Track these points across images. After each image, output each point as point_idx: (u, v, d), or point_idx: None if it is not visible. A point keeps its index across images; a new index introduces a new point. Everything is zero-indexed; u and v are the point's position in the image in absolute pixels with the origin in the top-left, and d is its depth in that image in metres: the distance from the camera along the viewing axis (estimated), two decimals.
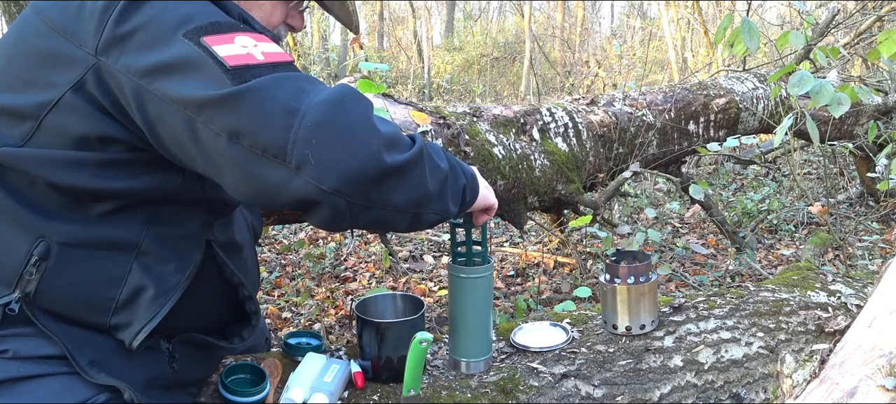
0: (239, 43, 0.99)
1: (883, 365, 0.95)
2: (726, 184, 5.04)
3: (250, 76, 0.96)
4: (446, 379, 1.42)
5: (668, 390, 1.41)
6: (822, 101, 2.03)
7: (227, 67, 0.95)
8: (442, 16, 16.76)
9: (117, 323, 1.09)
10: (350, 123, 0.97)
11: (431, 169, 1.08)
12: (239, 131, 0.94)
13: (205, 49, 0.97)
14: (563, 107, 2.74)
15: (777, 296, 1.66)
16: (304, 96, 0.96)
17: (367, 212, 1.00)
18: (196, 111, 0.95)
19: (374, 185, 0.98)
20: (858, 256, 3.16)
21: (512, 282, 3.19)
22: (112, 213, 1.06)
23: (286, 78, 0.98)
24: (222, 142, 0.95)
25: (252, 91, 0.94)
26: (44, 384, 1.05)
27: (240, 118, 0.94)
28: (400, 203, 1.03)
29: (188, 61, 0.96)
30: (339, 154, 0.95)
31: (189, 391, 1.26)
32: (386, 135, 1.00)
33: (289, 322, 2.82)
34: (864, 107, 3.49)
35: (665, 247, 3.54)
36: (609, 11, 17.79)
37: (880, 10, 4.17)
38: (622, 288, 1.51)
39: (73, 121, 1.01)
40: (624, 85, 3.16)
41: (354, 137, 0.96)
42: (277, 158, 0.94)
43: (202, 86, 0.95)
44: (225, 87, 0.94)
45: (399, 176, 1.01)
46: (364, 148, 0.97)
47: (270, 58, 1.00)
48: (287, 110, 0.94)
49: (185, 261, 1.12)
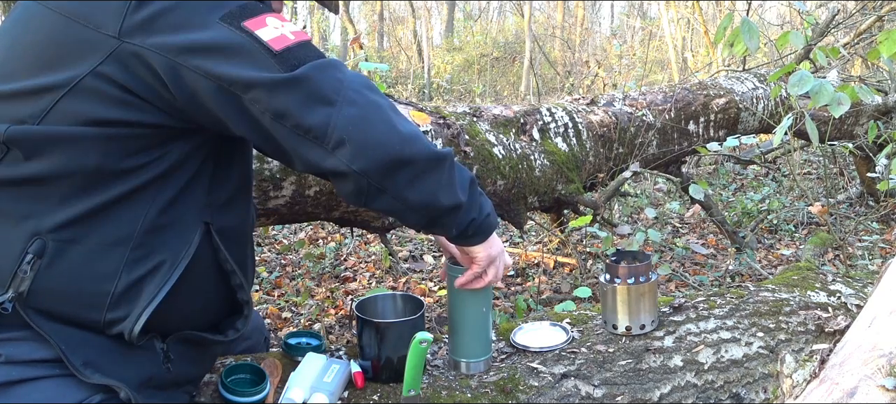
0: (271, 25, 1.07)
1: (883, 365, 0.95)
2: (726, 184, 5.04)
3: (295, 60, 1.05)
4: (446, 379, 1.42)
5: (668, 390, 1.41)
6: (822, 101, 2.03)
7: (273, 52, 1.04)
8: (442, 16, 16.76)
9: (113, 318, 1.08)
10: (377, 115, 1.09)
11: (449, 183, 1.18)
12: (285, 113, 1.05)
13: (248, 34, 1.05)
14: (563, 107, 2.74)
15: (777, 296, 1.66)
16: (341, 87, 1.07)
17: (381, 195, 1.12)
18: (243, 89, 1.04)
19: (390, 172, 1.10)
20: (858, 256, 3.16)
21: (512, 282, 3.19)
22: (108, 205, 1.06)
23: (324, 66, 1.08)
24: (267, 119, 1.05)
25: (299, 80, 1.05)
26: (39, 387, 1.04)
27: (287, 102, 1.04)
28: (411, 198, 1.14)
29: (232, 45, 1.04)
30: (370, 140, 1.08)
31: (185, 389, 1.25)
32: (406, 131, 1.12)
33: (289, 322, 2.81)
34: (864, 107, 3.49)
35: (665, 247, 3.54)
36: (609, 11, 17.79)
37: (880, 10, 4.16)
38: (622, 288, 1.51)
39: (90, 104, 1.03)
40: (624, 85, 3.16)
41: (380, 128, 1.09)
42: (317, 139, 1.06)
43: (251, 68, 1.03)
44: (274, 72, 1.04)
45: (413, 169, 1.12)
46: (388, 138, 1.09)
47: (298, 38, 1.08)
48: (328, 99, 1.06)
49: (182, 245, 1.12)
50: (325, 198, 1.95)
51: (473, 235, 1.28)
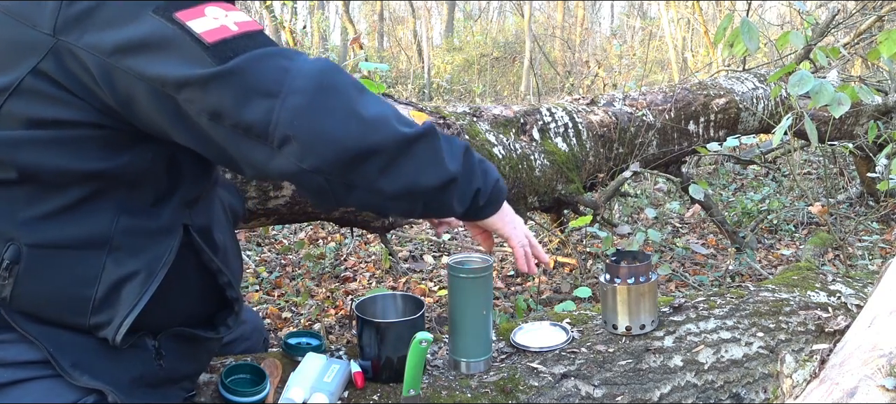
0: (210, 15, 0.97)
1: (883, 365, 0.95)
2: (726, 184, 5.04)
3: (230, 52, 0.95)
4: (446, 379, 1.42)
5: (668, 390, 1.41)
6: (822, 101, 2.03)
7: (205, 44, 0.94)
8: (442, 16, 16.75)
9: (98, 323, 1.06)
10: (330, 102, 0.96)
11: (431, 161, 1.06)
12: (221, 111, 0.95)
13: (179, 26, 0.95)
14: (563, 107, 2.74)
15: (777, 296, 1.66)
16: (285, 75, 0.96)
17: (351, 192, 1.01)
18: (175, 89, 0.94)
19: (353, 165, 0.98)
20: (858, 256, 3.16)
21: (512, 281, 3.19)
22: (79, 205, 1.03)
23: (266, 55, 0.97)
24: (204, 120, 0.95)
25: (233, 72, 0.94)
26: (29, 388, 1.04)
27: (222, 99, 0.94)
28: (387, 189, 1.03)
29: (163, 39, 0.94)
30: (319, 134, 0.95)
31: (181, 386, 1.24)
32: (371, 115, 0.99)
33: (289, 322, 2.81)
34: (864, 107, 3.49)
35: (665, 247, 3.53)
36: (609, 11, 17.79)
37: (880, 10, 4.16)
38: (622, 288, 1.51)
39: (33, 105, 0.98)
40: (624, 85, 3.17)
41: (335, 117, 0.96)
42: (260, 138, 0.95)
43: (181, 65, 0.93)
44: (206, 66, 0.93)
45: (382, 157, 1.00)
46: (344, 128, 0.97)
47: (244, 28, 0.98)
48: (269, 91, 0.94)
49: (162, 249, 1.08)
50: None
51: (485, 206, 1.18)
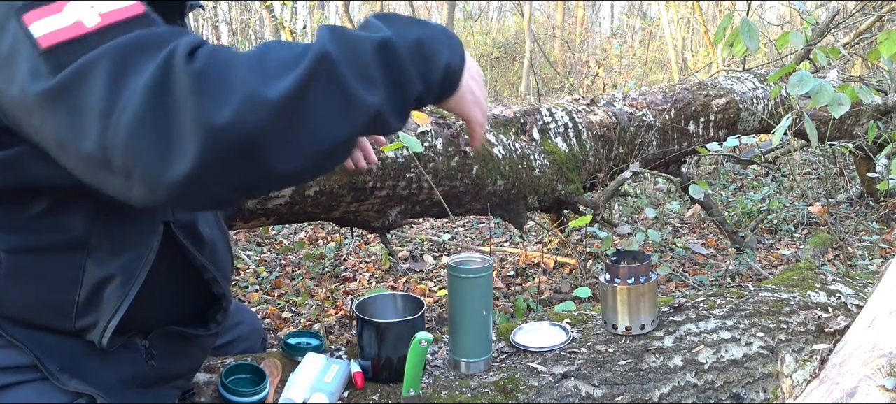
0: (69, 11, 0.77)
1: (883, 365, 0.95)
2: (726, 184, 5.04)
3: (66, 57, 0.74)
4: (446, 379, 1.42)
5: (668, 390, 1.41)
6: (822, 101, 2.03)
7: (39, 50, 0.75)
8: (442, 16, 16.74)
9: (83, 326, 1.04)
10: (172, 111, 0.71)
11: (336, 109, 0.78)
12: (61, 140, 0.76)
13: (24, 30, 0.77)
14: (563, 107, 2.74)
15: (777, 296, 1.66)
16: (121, 84, 0.72)
17: (245, 192, 0.79)
18: (28, 114, 0.77)
19: (224, 174, 0.74)
20: (858, 256, 3.16)
21: (512, 282, 3.19)
22: (50, 212, 0.98)
23: (103, 56, 0.74)
24: (54, 149, 0.78)
25: (62, 87, 0.74)
26: (17, 393, 1.02)
27: (57, 123, 0.75)
28: (287, 169, 0.77)
29: (11, 49, 0.78)
30: (163, 156, 0.71)
31: (175, 384, 1.23)
32: (229, 111, 0.71)
33: (289, 322, 2.81)
34: (864, 107, 3.49)
35: (665, 247, 3.53)
36: (609, 11, 17.78)
37: (880, 10, 4.16)
38: (622, 288, 1.51)
39: None
40: (624, 85, 3.17)
41: (179, 128, 0.71)
42: (104, 168, 0.74)
43: (23, 80, 0.76)
44: (40, 81, 0.75)
45: (262, 146, 0.74)
46: (193, 139, 0.71)
47: (108, 19, 0.77)
48: (100, 109, 0.72)
49: (142, 249, 1.04)
50: (324, 198, 1.95)
51: (436, 100, 0.92)
